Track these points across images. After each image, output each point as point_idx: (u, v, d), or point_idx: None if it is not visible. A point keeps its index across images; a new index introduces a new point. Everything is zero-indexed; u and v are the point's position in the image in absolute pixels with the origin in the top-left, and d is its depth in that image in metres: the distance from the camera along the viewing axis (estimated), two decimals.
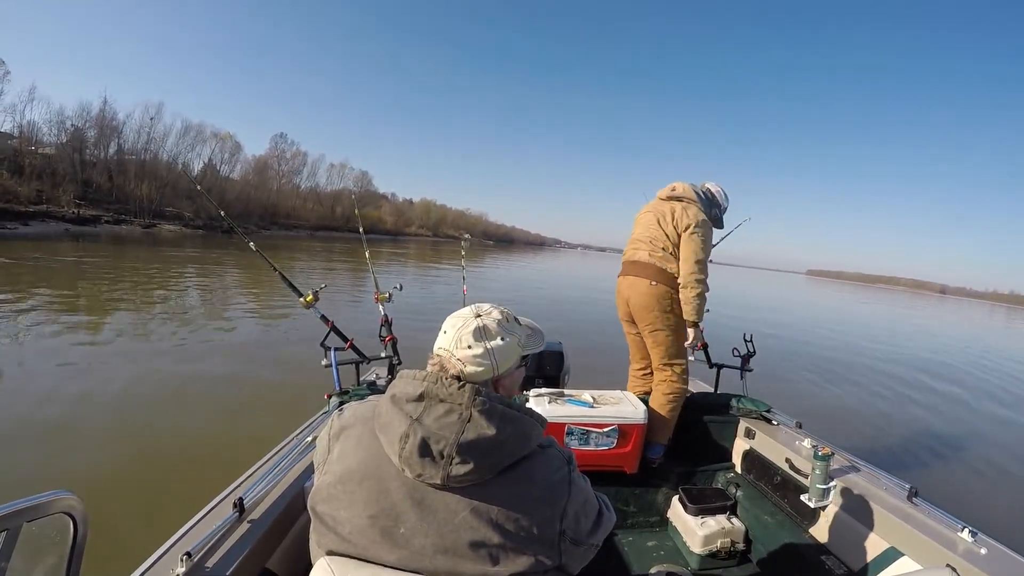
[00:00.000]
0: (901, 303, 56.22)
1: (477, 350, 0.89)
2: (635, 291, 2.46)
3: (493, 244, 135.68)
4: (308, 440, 1.72)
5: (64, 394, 4.73)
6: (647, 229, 2.51)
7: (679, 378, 2.46)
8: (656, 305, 2.41)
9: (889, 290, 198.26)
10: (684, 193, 2.51)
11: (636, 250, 2.53)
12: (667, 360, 2.47)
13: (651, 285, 2.41)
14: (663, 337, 2.46)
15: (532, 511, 0.82)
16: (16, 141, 35.38)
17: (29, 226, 26.44)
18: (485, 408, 0.82)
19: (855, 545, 1.77)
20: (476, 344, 0.89)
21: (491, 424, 0.81)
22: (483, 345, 0.89)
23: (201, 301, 11.01)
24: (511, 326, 0.95)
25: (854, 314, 30.02)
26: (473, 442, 0.80)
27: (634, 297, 2.47)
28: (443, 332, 0.93)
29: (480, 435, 0.80)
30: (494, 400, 0.84)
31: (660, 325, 2.44)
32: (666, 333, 2.45)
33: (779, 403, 2.64)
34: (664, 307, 2.41)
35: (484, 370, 0.89)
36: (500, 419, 0.83)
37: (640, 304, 2.45)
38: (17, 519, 0.81)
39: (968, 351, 16.88)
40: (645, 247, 2.48)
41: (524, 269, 34.72)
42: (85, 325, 7.72)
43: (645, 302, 2.43)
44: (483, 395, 0.84)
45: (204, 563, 1.10)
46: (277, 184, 64.52)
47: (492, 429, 0.81)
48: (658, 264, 2.42)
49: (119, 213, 36.17)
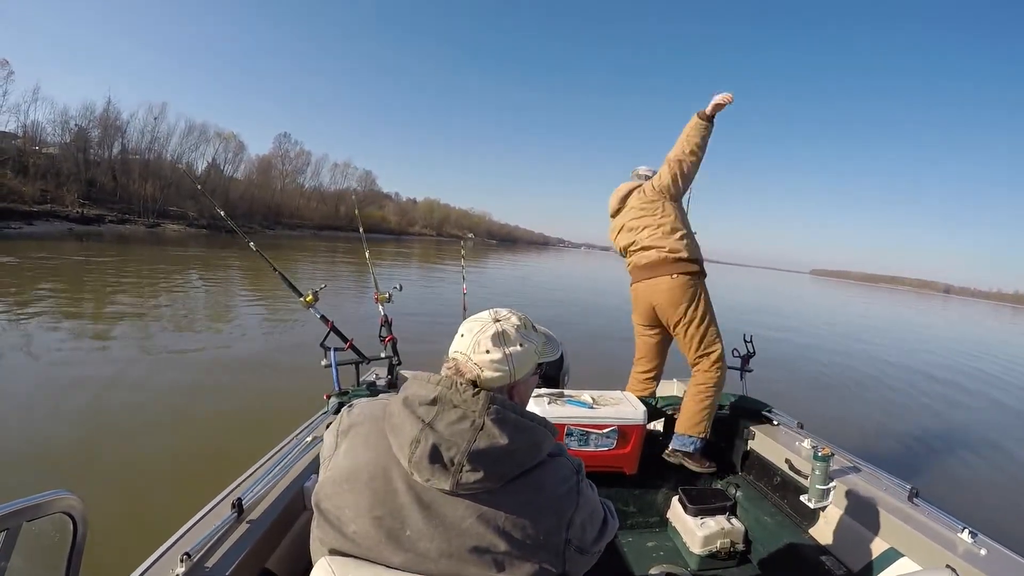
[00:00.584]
0: (905, 303, 55.93)
1: (496, 355, 0.87)
2: (658, 291, 2.45)
3: (496, 243, 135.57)
4: (308, 440, 1.72)
5: (64, 394, 4.75)
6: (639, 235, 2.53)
7: (714, 366, 2.41)
8: (683, 296, 2.40)
9: (894, 290, 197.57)
10: (627, 189, 2.63)
11: (640, 254, 2.52)
12: (702, 351, 2.44)
13: (672, 279, 2.41)
14: (695, 328, 2.43)
15: (539, 519, 0.82)
16: (20, 141, 35.50)
17: (33, 225, 26.53)
18: (499, 417, 0.82)
19: (855, 546, 1.77)
20: (495, 349, 0.87)
21: (503, 433, 0.81)
22: (502, 351, 0.88)
23: (203, 301, 11.05)
24: (529, 332, 0.94)
25: (857, 314, 29.90)
26: (484, 451, 0.79)
27: (658, 296, 2.45)
28: (460, 336, 0.91)
29: (492, 444, 0.80)
30: (508, 409, 0.84)
31: (690, 316, 2.42)
32: (697, 323, 2.43)
33: (779, 403, 2.64)
34: (690, 296, 2.41)
35: (502, 376, 0.87)
36: (513, 428, 0.82)
37: (667, 301, 2.43)
38: (17, 519, 0.82)
39: (970, 351, 16.81)
40: (649, 247, 2.48)
41: (525, 268, 34.71)
42: (87, 325, 7.75)
43: (672, 297, 2.42)
44: (497, 403, 0.83)
45: (203, 563, 1.11)
46: (281, 184, 64.73)
47: (504, 439, 0.80)
48: (672, 257, 2.41)
49: (123, 213, 36.30)
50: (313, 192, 71.59)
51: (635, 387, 2.75)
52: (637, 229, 2.53)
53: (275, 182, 63.24)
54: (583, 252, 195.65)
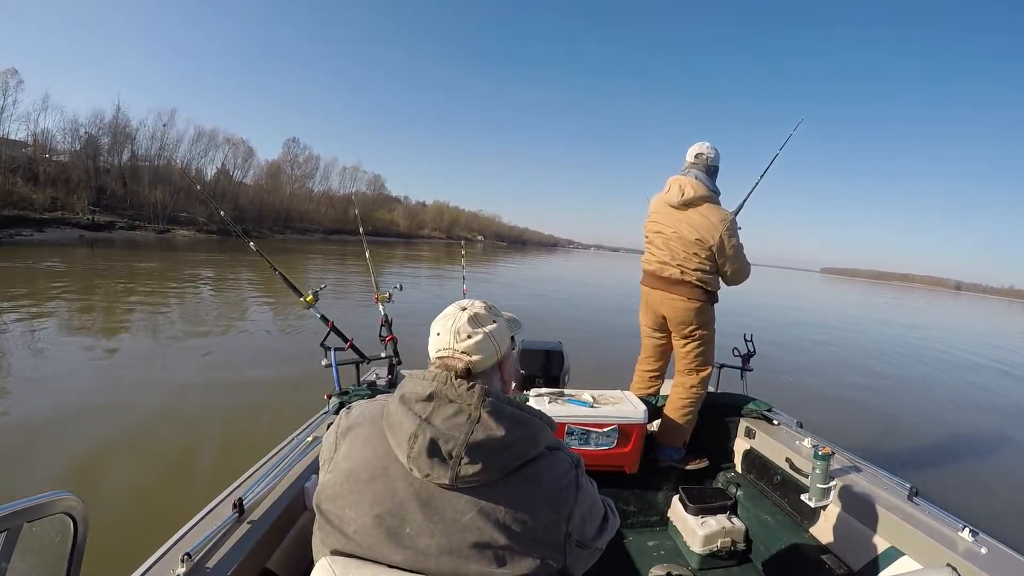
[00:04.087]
0: (920, 300, 55.27)
1: (478, 336, 0.90)
2: (671, 307, 2.43)
3: (507, 245, 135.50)
4: (308, 440, 1.74)
5: (65, 394, 4.82)
6: (673, 245, 2.39)
7: (700, 383, 2.45)
8: (695, 319, 2.40)
9: (905, 287, 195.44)
10: (696, 193, 2.34)
11: (664, 265, 2.43)
12: (695, 365, 2.46)
13: (687, 301, 2.39)
14: (694, 346, 2.46)
15: (538, 513, 0.82)
16: (31, 149, 35.97)
17: (44, 232, 26.91)
18: (494, 409, 0.83)
19: (856, 545, 1.76)
20: (475, 332, 0.91)
21: (500, 425, 0.82)
22: (482, 331, 0.91)
23: (210, 303, 11.16)
24: (495, 310, 0.98)
25: (860, 313, 29.59)
26: (482, 443, 0.80)
27: (669, 312, 2.45)
28: (436, 335, 0.93)
29: (489, 436, 0.81)
30: (503, 401, 0.85)
31: (696, 336, 2.45)
32: (698, 342, 2.45)
33: (780, 403, 2.62)
34: (701, 321, 2.41)
35: (489, 354, 0.91)
36: (509, 420, 0.83)
37: (677, 319, 2.44)
38: (17, 519, 0.82)
39: (974, 349, 16.58)
40: (675, 265, 2.39)
41: (535, 270, 34.67)
42: (93, 327, 7.88)
43: (683, 317, 2.42)
44: (492, 396, 0.84)
45: (204, 563, 1.11)
46: (290, 188, 65.04)
47: (501, 430, 0.81)
48: (693, 282, 2.36)
49: (133, 219, 36.74)
50: (322, 196, 71.90)
51: (640, 385, 2.76)
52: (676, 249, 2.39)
53: (284, 187, 63.56)
54: (593, 253, 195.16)
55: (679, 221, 2.38)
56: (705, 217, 2.33)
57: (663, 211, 2.46)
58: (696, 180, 2.38)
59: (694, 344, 2.46)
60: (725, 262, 2.35)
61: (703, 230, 2.31)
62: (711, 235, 2.29)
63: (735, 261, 2.36)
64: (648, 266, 2.52)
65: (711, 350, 2.50)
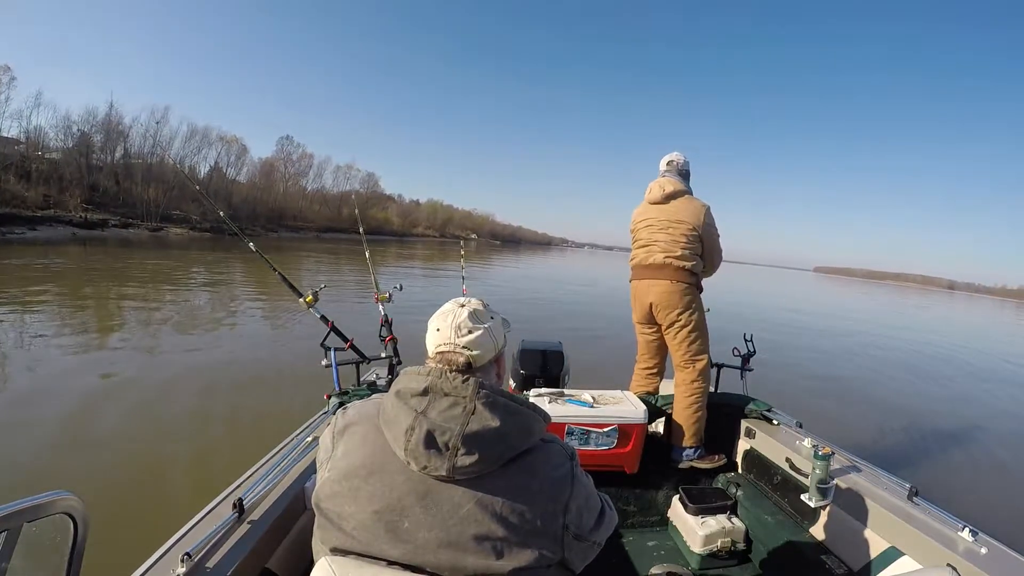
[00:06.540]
0: (913, 300, 55.65)
1: (478, 332, 0.94)
2: (656, 291, 2.52)
3: (500, 244, 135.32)
4: (308, 440, 1.73)
5: (65, 395, 4.77)
6: (657, 235, 2.56)
7: (700, 376, 2.49)
8: (679, 302, 2.48)
9: (899, 286, 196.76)
10: (676, 188, 2.58)
11: (649, 253, 2.57)
12: (690, 356, 2.51)
13: (672, 283, 2.48)
14: (686, 333, 2.51)
15: (535, 504, 0.83)
16: (23, 146, 35.77)
17: (37, 231, 26.65)
18: (489, 400, 0.84)
19: (855, 544, 1.77)
20: (476, 327, 0.94)
21: (495, 416, 0.83)
22: (482, 326, 0.95)
23: (205, 303, 11.08)
24: (491, 309, 1.02)
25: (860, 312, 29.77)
26: (478, 433, 0.81)
27: (656, 297, 2.52)
28: (435, 331, 0.95)
29: (484, 426, 0.82)
30: (497, 393, 0.86)
31: (684, 321, 2.50)
32: (689, 329, 2.51)
33: (780, 402, 2.63)
34: (686, 303, 2.48)
35: (488, 349, 0.95)
36: (503, 411, 0.85)
37: (663, 303, 2.50)
38: (17, 519, 0.82)
39: (970, 349, 16.71)
40: (660, 251, 2.52)
41: (533, 268, 34.68)
42: (88, 326, 7.79)
43: (668, 300, 2.49)
44: (487, 388, 0.86)
45: (204, 563, 1.11)
46: (284, 186, 64.93)
47: (496, 421, 0.83)
48: (676, 264, 2.48)
49: (126, 217, 36.48)
50: (316, 195, 71.77)
51: (638, 383, 2.80)
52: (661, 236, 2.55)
53: (278, 185, 63.42)
54: (587, 251, 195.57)
55: (664, 211, 2.58)
56: (688, 203, 2.55)
57: (647, 210, 2.66)
58: (675, 180, 2.61)
59: (684, 332, 2.50)
60: (708, 244, 2.55)
61: (688, 214, 2.52)
62: (696, 217, 2.50)
63: (714, 243, 2.57)
64: (634, 260, 2.66)
65: (704, 339, 2.54)
